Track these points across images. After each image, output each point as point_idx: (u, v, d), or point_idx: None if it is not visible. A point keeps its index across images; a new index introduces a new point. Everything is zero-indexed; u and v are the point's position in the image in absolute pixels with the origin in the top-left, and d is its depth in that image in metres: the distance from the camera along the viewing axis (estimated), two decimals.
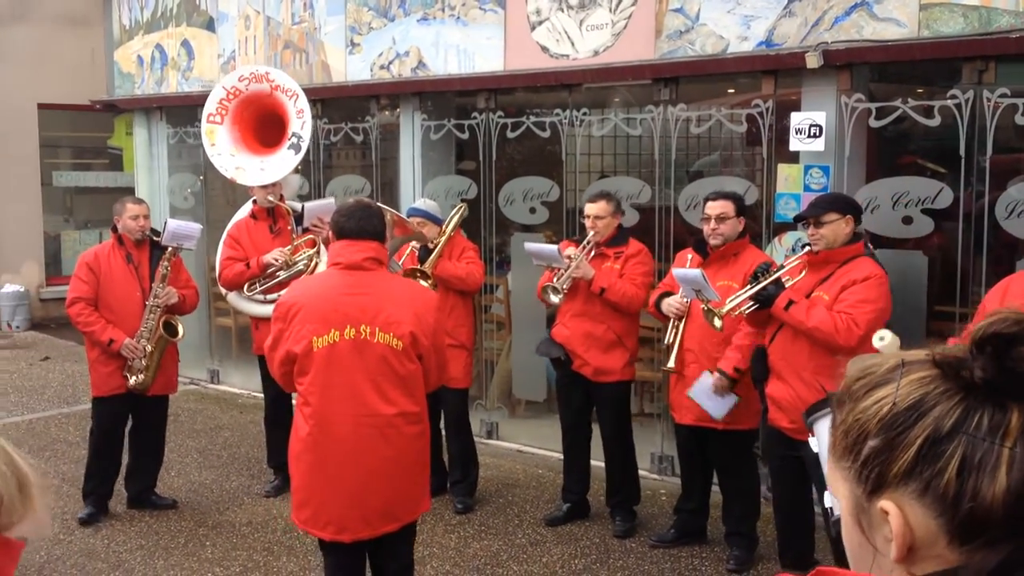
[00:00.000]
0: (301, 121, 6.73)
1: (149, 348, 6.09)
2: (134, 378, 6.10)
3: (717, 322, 4.95)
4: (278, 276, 6.47)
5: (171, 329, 6.22)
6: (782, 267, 4.92)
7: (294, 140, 6.71)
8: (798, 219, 5.04)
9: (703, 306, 5.01)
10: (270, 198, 6.62)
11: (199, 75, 9.92)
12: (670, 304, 5.49)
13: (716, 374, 5.26)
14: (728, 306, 4.92)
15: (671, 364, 5.50)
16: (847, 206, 4.84)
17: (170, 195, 10.40)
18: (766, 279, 4.78)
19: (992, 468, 1.01)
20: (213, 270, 10.22)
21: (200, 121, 9.72)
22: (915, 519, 1.04)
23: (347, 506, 4.00)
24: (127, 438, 6.40)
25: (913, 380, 1.07)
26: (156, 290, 6.12)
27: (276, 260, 6.42)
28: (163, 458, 6.62)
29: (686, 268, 5.33)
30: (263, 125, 6.92)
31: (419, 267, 6.01)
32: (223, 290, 7.01)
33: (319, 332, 3.91)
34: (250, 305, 6.74)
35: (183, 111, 10.15)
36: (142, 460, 6.44)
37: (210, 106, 6.94)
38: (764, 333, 5.04)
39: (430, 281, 5.93)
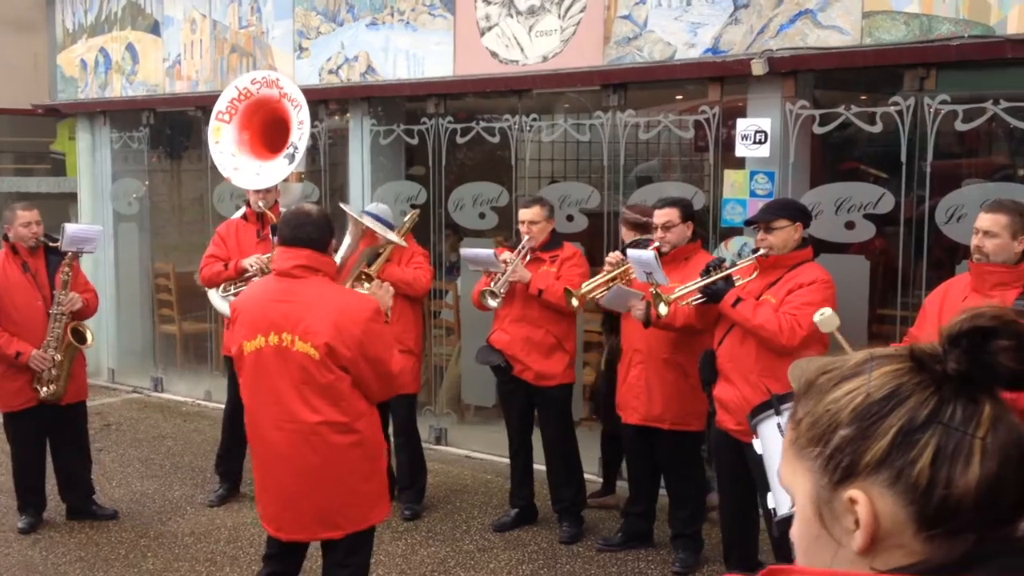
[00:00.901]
0: (300, 132, 6.69)
1: (58, 357, 5.96)
2: (45, 389, 5.95)
3: (663, 308, 4.98)
4: (252, 282, 6.39)
5: (79, 336, 6.10)
6: (734, 264, 4.99)
7: (290, 150, 6.67)
8: (749, 223, 5.09)
9: (652, 290, 5.03)
10: (261, 203, 6.55)
11: (144, 79, 9.78)
12: (609, 257, 5.58)
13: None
14: (677, 293, 4.95)
15: (580, 291, 5.52)
16: (797, 212, 4.90)
17: (114, 201, 10.23)
18: (717, 274, 4.84)
19: (965, 457, 1.03)
20: (158, 276, 10.14)
21: (145, 126, 9.69)
22: (883, 508, 1.05)
23: (281, 507, 4.10)
24: (51, 451, 6.26)
25: (887, 372, 1.09)
26: (59, 297, 5.96)
27: (252, 266, 6.33)
28: (91, 463, 6.48)
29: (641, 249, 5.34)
30: (268, 131, 6.88)
31: (364, 270, 5.97)
32: (204, 288, 6.91)
33: (248, 337, 3.99)
34: (224, 305, 6.68)
35: (127, 116, 10.01)
36: (72, 470, 6.30)
37: (221, 104, 6.89)
38: (713, 335, 5.08)
39: (373, 283, 5.89)
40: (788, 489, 1.16)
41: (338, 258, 4.51)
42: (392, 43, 7.85)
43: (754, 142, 5.98)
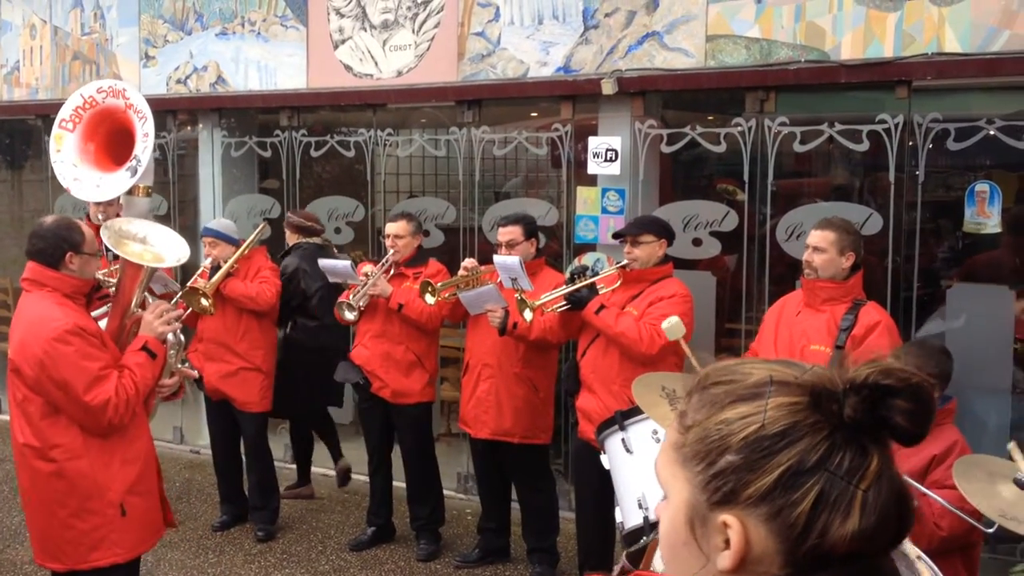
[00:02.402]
0: (144, 145, 6.41)
1: None
2: None
3: (528, 314, 5.02)
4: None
5: None
6: (597, 273, 5.10)
7: (133, 163, 6.39)
8: (617, 236, 5.18)
9: (517, 295, 5.07)
10: (100, 216, 6.27)
11: None
12: (465, 263, 5.64)
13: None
14: (542, 300, 5.01)
15: (438, 287, 5.47)
16: (662, 230, 5.06)
17: None
18: (582, 282, 4.91)
19: (846, 509, 1.03)
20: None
21: None
22: (756, 538, 1.05)
23: (28, 527, 4.04)
24: None
25: (784, 404, 1.07)
26: None
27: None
28: None
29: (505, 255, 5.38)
30: (113, 143, 6.57)
31: (198, 287, 5.80)
32: None
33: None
34: None
35: None
36: None
37: (65, 111, 6.54)
38: (578, 346, 5.16)
39: (209, 301, 5.74)
40: (664, 487, 1.15)
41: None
42: (243, 54, 7.69)
43: (605, 160, 6.09)
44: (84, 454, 3.78)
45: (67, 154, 6.55)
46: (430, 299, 5.47)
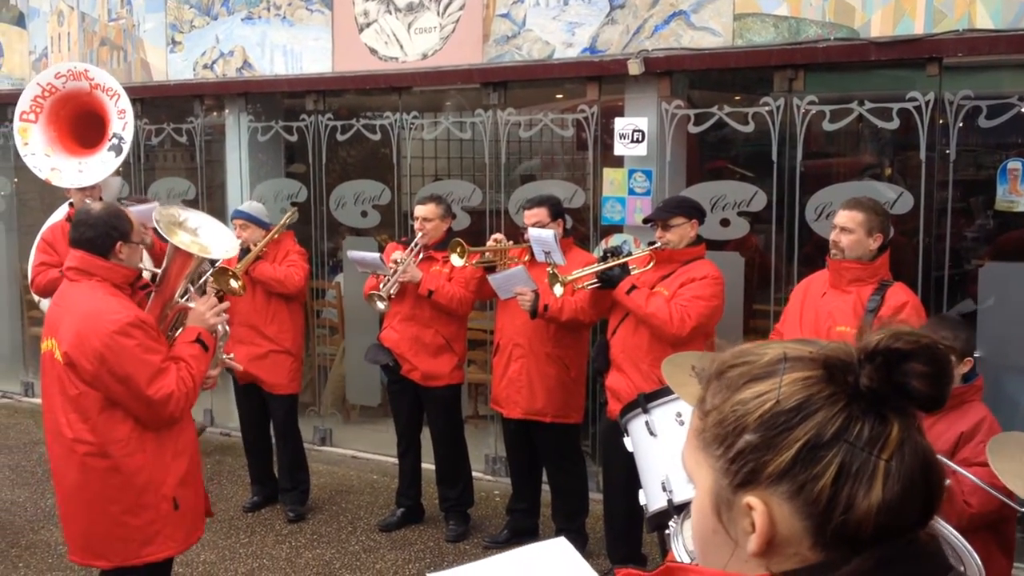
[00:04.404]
0: (123, 122, 6.41)
1: None
2: None
3: (558, 288, 5.02)
4: None
5: None
6: (629, 254, 5.09)
7: (115, 141, 6.40)
8: (647, 221, 5.16)
9: (549, 269, 5.08)
10: (87, 201, 6.29)
11: (8, 73, 9.38)
12: (496, 235, 5.71)
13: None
14: (574, 275, 5.01)
15: (468, 250, 5.49)
16: (693, 210, 5.03)
17: None
18: (614, 260, 4.91)
19: (868, 479, 1.01)
20: (25, 277, 9.73)
21: (11, 121, 9.27)
22: (781, 517, 1.04)
23: (63, 525, 3.95)
24: None
25: (797, 379, 1.06)
26: None
27: None
28: None
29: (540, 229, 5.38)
30: (81, 125, 6.57)
31: (230, 268, 5.84)
32: (36, 297, 6.62)
33: (43, 339, 3.84)
34: None
35: None
36: None
37: (23, 103, 6.54)
38: (608, 325, 5.17)
39: (239, 283, 5.77)
40: (690, 477, 1.14)
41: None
42: (269, 38, 7.71)
43: (632, 141, 6.07)
44: (140, 449, 3.73)
45: (36, 145, 6.54)
46: (458, 260, 5.46)
